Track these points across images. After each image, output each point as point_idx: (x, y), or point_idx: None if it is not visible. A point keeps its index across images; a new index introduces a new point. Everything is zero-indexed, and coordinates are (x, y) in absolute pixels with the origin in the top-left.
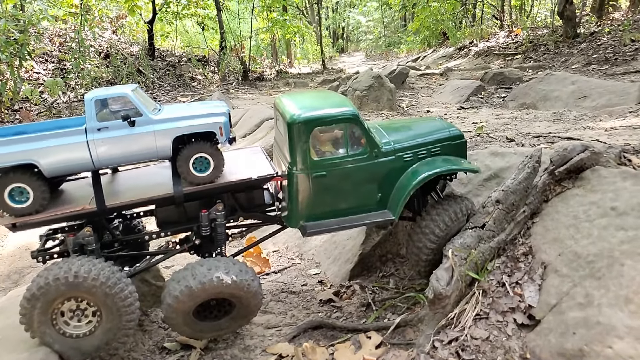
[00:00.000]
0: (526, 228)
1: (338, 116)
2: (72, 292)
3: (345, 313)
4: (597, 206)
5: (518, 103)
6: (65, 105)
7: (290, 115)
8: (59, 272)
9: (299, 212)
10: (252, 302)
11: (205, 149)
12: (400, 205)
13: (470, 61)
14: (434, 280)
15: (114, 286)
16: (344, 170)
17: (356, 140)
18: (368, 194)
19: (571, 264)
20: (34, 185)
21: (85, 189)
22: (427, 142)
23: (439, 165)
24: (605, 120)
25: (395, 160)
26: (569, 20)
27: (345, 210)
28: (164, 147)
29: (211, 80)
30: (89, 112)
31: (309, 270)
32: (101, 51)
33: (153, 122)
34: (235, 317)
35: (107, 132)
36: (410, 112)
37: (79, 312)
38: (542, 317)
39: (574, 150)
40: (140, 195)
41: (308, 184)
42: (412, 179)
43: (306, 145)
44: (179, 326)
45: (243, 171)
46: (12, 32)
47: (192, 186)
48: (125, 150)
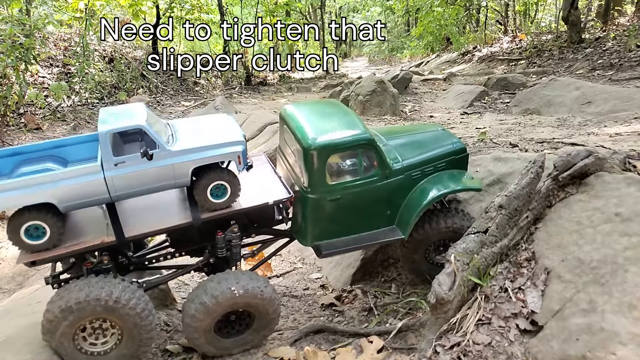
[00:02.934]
0: (529, 233)
1: (354, 142)
2: (106, 315)
3: (347, 317)
4: (601, 212)
5: (522, 108)
6: (69, 109)
7: (306, 141)
8: (101, 293)
9: (312, 232)
10: (270, 309)
11: (223, 177)
12: (410, 224)
13: (473, 66)
14: (436, 285)
15: (145, 317)
16: (357, 192)
17: (370, 163)
18: (378, 212)
19: (574, 270)
20: (50, 222)
21: (94, 219)
22: (433, 157)
23: (445, 184)
24: (610, 126)
25: (404, 178)
26: (574, 25)
27: (356, 229)
28: (182, 177)
29: (214, 85)
30: (105, 147)
31: (310, 274)
32: (105, 55)
33: (171, 155)
34: (257, 328)
35: (124, 167)
36: (413, 117)
37: (100, 331)
38: (544, 323)
39: (578, 156)
40: (156, 223)
41: (323, 207)
42: (421, 199)
43: (322, 171)
44: (204, 346)
45: (257, 194)
46: (18, 36)
47: (209, 212)
48: (144, 183)
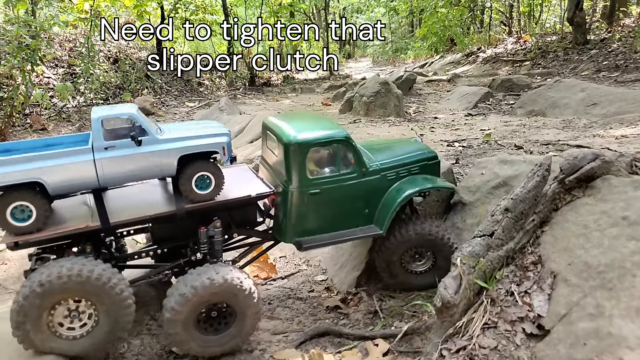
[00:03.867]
0: (535, 237)
1: (332, 138)
2: (79, 293)
3: (352, 320)
4: (608, 216)
5: (526, 110)
6: (74, 109)
7: (287, 137)
8: (73, 268)
9: (293, 228)
10: (250, 302)
11: (208, 168)
12: (387, 220)
13: (478, 67)
14: (442, 288)
15: (120, 293)
16: (336, 188)
17: (347, 160)
18: (356, 210)
19: (581, 273)
20: (38, 204)
21: (78, 207)
22: (407, 162)
23: (420, 183)
24: (616, 128)
25: (380, 178)
26: (579, 26)
27: (336, 226)
28: (169, 165)
29: (218, 86)
30: (96, 130)
31: (315, 276)
32: (110, 56)
33: (159, 142)
34: (239, 324)
35: (113, 151)
36: (417, 118)
37: (76, 314)
38: (551, 327)
39: (585, 159)
40: (139, 213)
41: (303, 201)
42: (397, 196)
43: (302, 165)
44: (186, 342)
45: (240, 189)
46: (24, 37)
47: (193, 203)
48: (131, 169)
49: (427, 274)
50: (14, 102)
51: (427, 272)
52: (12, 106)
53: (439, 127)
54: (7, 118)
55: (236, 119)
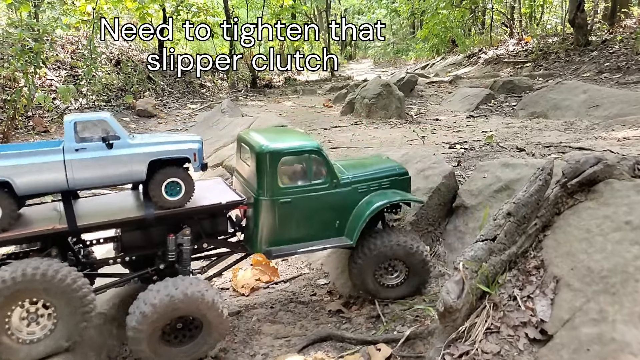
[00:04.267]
0: (538, 241)
1: (303, 148)
2: (33, 293)
3: (355, 324)
4: (611, 220)
5: (528, 112)
6: (77, 112)
7: (260, 146)
8: (26, 269)
9: (264, 237)
10: (213, 313)
11: (178, 174)
12: (357, 231)
13: (479, 69)
14: (445, 293)
15: (78, 289)
16: (307, 198)
17: (318, 171)
18: (327, 222)
19: (584, 278)
20: (4, 203)
21: (47, 212)
22: (378, 176)
23: (390, 196)
24: (618, 130)
25: (351, 191)
26: (580, 27)
27: (307, 236)
28: (139, 170)
29: (220, 88)
30: (68, 132)
31: (317, 280)
32: (112, 58)
33: (130, 146)
34: (206, 334)
35: (84, 152)
36: (419, 120)
37: (34, 317)
38: (554, 332)
39: (587, 163)
40: (108, 218)
41: (274, 209)
42: (367, 208)
43: (274, 174)
44: (151, 358)
45: (211, 197)
46: (27, 40)
47: (163, 210)
48: (101, 172)
49: (401, 286)
50: (17, 105)
51: (401, 285)
52: (15, 109)
53: (441, 128)
54: (10, 120)
55: (238, 121)
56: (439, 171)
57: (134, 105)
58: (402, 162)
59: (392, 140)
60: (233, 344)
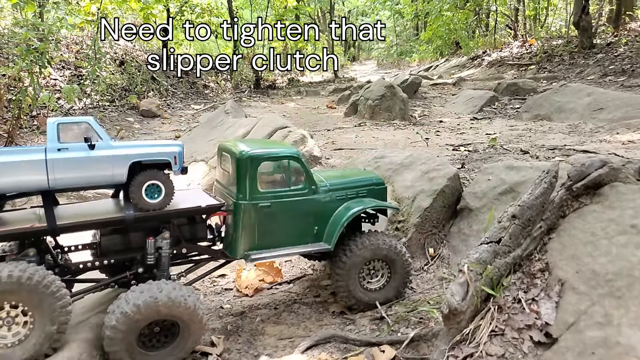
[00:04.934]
0: (542, 244)
1: (282, 154)
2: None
3: (359, 325)
4: (616, 223)
5: (532, 114)
6: (81, 111)
7: (240, 152)
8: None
9: (243, 241)
10: (194, 318)
11: (158, 177)
12: (335, 236)
13: (483, 71)
14: (449, 295)
15: (54, 293)
16: (286, 202)
17: (297, 177)
18: (306, 227)
19: (589, 281)
20: None
21: (28, 217)
22: (355, 185)
23: (366, 203)
24: (623, 133)
25: (329, 197)
26: (585, 30)
27: (286, 242)
28: (120, 172)
29: (224, 88)
30: (51, 133)
31: (321, 281)
32: (116, 58)
33: (112, 147)
34: (183, 339)
35: (66, 152)
36: (422, 122)
37: (10, 320)
38: (559, 336)
39: (592, 166)
40: (89, 217)
41: (254, 214)
42: (344, 214)
43: (253, 178)
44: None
45: (191, 202)
46: (32, 40)
47: (143, 212)
48: (82, 173)
49: (384, 289)
50: (22, 104)
51: (384, 287)
52: (20, 108)
53: (445, 130)
54: (15, 120)
55: (241, 122)
56: (443, 173)
57: (138, 106)
58: (406, 163)
59: (396, 142)
60: (236, 345)
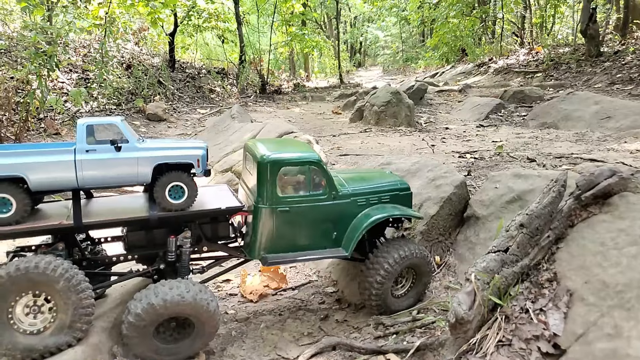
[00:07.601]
0: (550, 253)
1: (303, 159)
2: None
3: (364, 333)
4: (626, 234)
5: (539, 122)
6: (88, 114)
7: (261, 156)
8: (30, 263)
9: (261, 243)
10: (211, 322)
11: (182, 179)
12: (353, 243)
13: (489, 78)
14: (456, 304)
15: (76, 285)
16: (305, 207)
17: (317, 182)
18: (325, 233)
19: (599, 292)
20: (19, 198)
21: (61, 210)
22: (378, 190)
23: (388, 210)
24: (631, 142)
25: (350, 203)
26: (592, 38)
27: (304, 246)
28: (144, 173)
29: (230, 93)
30: (80, 135)
31: (326, 288)
32: (123, 62)
33: (137, 149)
34: (194, 339)
35: (94, 154)
36: (428, 128)
37: (36, 308)
38: (567, 347)
39: (601, 175)
40: (113, 217)
41: (272, 217)
42: (364, 221)
43: (273, 183)
44: (138, 345)
45: (212, 202)
46: (41, 43)
47: (166, 212)
48: (109, 173)
49: (407, 295)
50: (30, 107)
51: (407, 293)
52: (27, 111)
53: (450, 137)
54: (22, 122)
55: (247, 127)
56: (450, 180)
57: (144, 109)
58: (413, 170)
59: (402, 149)
60: (241, 351)
